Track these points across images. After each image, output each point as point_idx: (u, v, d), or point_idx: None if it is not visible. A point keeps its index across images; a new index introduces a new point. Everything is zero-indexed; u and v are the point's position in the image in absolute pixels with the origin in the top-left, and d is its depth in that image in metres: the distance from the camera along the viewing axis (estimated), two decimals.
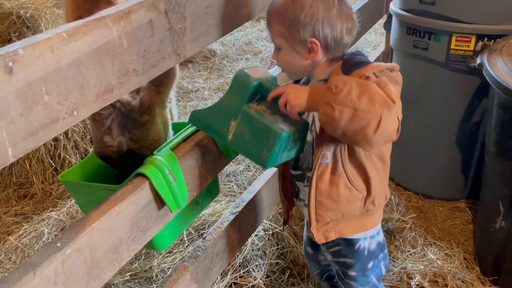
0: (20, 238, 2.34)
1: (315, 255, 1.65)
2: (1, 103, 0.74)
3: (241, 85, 1.18)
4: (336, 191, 1.26)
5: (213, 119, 1.23)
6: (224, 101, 1.21)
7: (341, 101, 1.03)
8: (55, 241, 0.97)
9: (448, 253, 2.08)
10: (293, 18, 1.20)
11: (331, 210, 1.29)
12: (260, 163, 1.18)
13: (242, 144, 1.19)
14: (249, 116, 1.17)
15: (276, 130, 1.13)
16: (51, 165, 2.73)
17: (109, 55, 0.95)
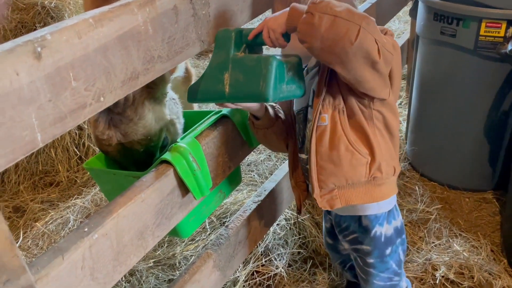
0: (46, 225, 2.39)
1: (334, 245, 1.64)
2: (31, 88, 0.75)
3: (223, 38, 1.19)
4: (336, 154, 1.24)
5: (208, 84, 1.21)
6: (213, 61, 1.20)
7: (322, 8, 1.04)
8: (82, 226, 0.98)
9: (474, 244, 2.03)
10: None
11: (334, 175, 1.27)
12: (261, 97, 1.15)
13: (239, 90, 1.17)
14: (239, 60, 1.17)
15: (266, 58, 1.13)
16: (75, 154, 2.78)
17: (135, 41, 0.95)
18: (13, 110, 0.73)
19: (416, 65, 2.40)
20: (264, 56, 1.15)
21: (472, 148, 2.28)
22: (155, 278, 1.97)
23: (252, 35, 1.18)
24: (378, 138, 1.26)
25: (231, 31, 1.20)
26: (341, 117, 1.24)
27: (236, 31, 1.20)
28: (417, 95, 2.40)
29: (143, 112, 1.35)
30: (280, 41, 1.17)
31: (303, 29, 1.08)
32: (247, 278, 1.92)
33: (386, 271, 1.45)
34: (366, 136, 1.25)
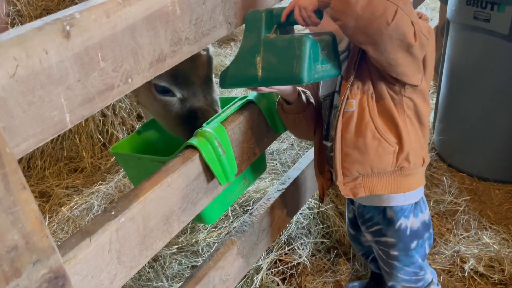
0: (71, 210, 2.42)
1: (357, 236, 1.61)
2: (60, 67, 0.74)
3: (253, 20, 1.16)
4: (363, 141, 1.20)
5: (239, 68, 1.19)
6: (244, 45, 1.18)
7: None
8: (109, 210, 0.98)
9: (505, 237, 1.97)
10: None
11: (359, 162, 1.23)
12: (296, 78, 1.11)
13: (273, 73, 1.14)
14: (271, 42, 1.13)
15: (299, 38, 1.09)
16: (99, 140, 2.80)
17: (162, 22, 0.93)
18: (42, 90, 0.72)
19: (446, 52, 2.32)
20: (297, 36, 1.11)
21: (503, 138, 2.20)
22: (178, 264, 1.98)
23: (284, 16, 1.14)
24: (407, 126, 1.21)
25: (261, 12, 1.16)
26: (369, 102, 1.19)
27: (266, 11, 1.16)
28: (447, 83, 2.33)
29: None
30: (312, 19, 1.12)
31: (336, 6, 1.03)
32: (270, 266, 1.90)
33: (411, 265, 1.41)
34: (395, 124, 1.21)
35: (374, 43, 1.04)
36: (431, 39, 1.15)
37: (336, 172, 1.26)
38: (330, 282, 1.88)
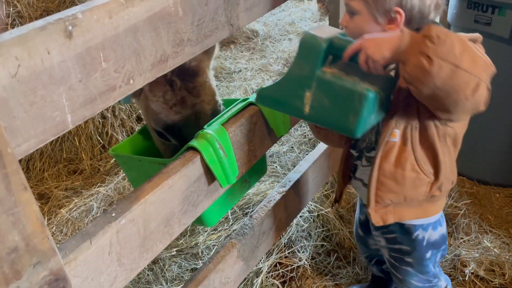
0: (70, 212, 2.41)
1: (365, 239, 1.60)
2: (62, 67, 0.73)
3: (310, 49, 1.04)
4: (401, 173, 1.17)
5: (284, 94, 1.10)
6: (293, 72, 1.08)
7: (443, 54, 0.90)
8: (110, 211, 0.97)
9: (505, 241, 1.96)
10: None
11: (394, 192, 1.21)
12: (348, 131, 1.06)
13: (322, 115, 1.07)
14: (326, 82, 1.03)
15: (361, 92, 1.00)
16: (99, 142, 2.79)
17: (165, 22, 0.93)
18: (44, 90, 0.71)
19: None
20: (358, 87, 1.01)
21: (504, 142, 2.20)
22: (177, 267, 1.97)
23: (347, 57, 1.04)
24: (446, 156, 1.18)
25: (320, 43, 1.03)
26: (413, 134, 1.15)
27: (327, 42, 1.04)
28: None
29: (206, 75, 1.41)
30: (378, 70, 1.02)
31: (414, 73, 0.94)
32: (270, 269, 1.89)
33: (426, 274, 1.40)
34: (435, 154, 1.17)
35: (446, 111, 1.00)
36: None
37: (369, 199, 1.24)
38: (330, 286, 1.87)
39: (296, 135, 2.87)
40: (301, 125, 2.93)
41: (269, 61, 3.97)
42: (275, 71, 3.78)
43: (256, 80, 3.67)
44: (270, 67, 3.87)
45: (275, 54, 4.06)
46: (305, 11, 4.93)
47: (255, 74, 3.78)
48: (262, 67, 3.87)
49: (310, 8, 5.01)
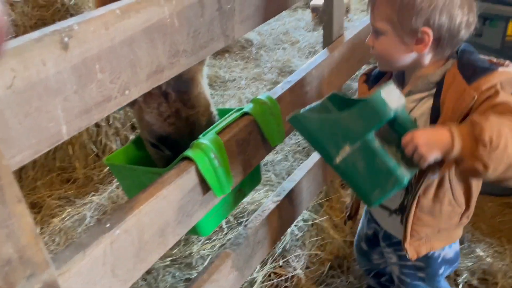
0: (63, 221, 2.39)
1: (368, 253, 1.58)
2: (57, 79, 0.73)
3: (375, 113, 0.98)
4: (439, 207, 1.18)
5: (322, 132, 1.05)
6: (344, 120, 1.01)
7: (497, 158, 0.91)
8: (104, 222, 0.96)
9: (498, 250, 1.98)
10: (407, 2, 1.02)
11: (429, 226, 1.21)
12: (366, 201, 1.06)
13: (350, 174, 1.04)
14: (371, 150, 0.99)
15: (399, 178, 0.99)
16: (93, 151, 2.78)
17: (161, 34, 0.94)
18: (39, 101, 0.71)
19: None
20: (399, 172, 0.99)
21: None
22: (171, 277, 1.96)
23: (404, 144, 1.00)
24: (476, 186, 1.19)
25: (388, 113, 0.97)
26: (450, 169, 1.14)
27: (393, 114, 0.98)
28: None
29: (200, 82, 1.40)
30: (421, 165, 1.01)
31: (468, 173, 0.98)
32: (264, 279, 1.89)
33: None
34: (469, 187, 1.18)
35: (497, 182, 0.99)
36: None
37: (405, 235, 1.22)
38: None
39: (290, 144, 2.87)
40: (295, 133, 2.94)
41: (264, 70, 3.99)
42: (269, 80, 3.80)
43: (251, 89, 3.68)
44: (264, 76, 3.88)
45: (269, 63, 4.08)
46: (299, 21, 4.97)
47: (250, 83, 3.79)
48: (256, 76, 3.89)
49: (304, 17, 5.05)
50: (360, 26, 2.07)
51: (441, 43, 1.07)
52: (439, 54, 1.10)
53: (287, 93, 1.54)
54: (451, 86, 1.07)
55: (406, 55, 1.10)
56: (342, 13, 1.92)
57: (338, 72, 1.90)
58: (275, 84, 3.55)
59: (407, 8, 1.03)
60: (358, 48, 2.04)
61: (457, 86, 1.05)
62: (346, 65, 1.96)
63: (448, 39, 1.06)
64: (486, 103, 1.00)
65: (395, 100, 0.99)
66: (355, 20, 4.60)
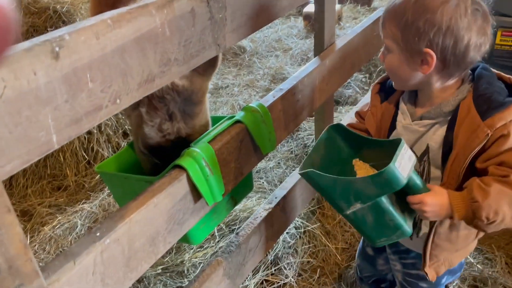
0: (54, 229, 2.37)
1: (374, 258, 1.56)
2: (48, 88, 0.73)
3: (388, 183, 1.00)
4: (455, 234, 1.20)
5: (334, 189, 1.08)
6: (357, 183, 1.05)
7: (494, 227, 1.04)
8: (94, 231, 0.96)
9: (488, 257, 1.99)
10: (411, 22, 1.02)
11: (448, 250, 1.24)
12: (372, 243, 1.16)
13: (359, 223, 1.11)
14: (381, 208, 1.05)
15: (405, 233, 1.08)
16: (84, 158, 2.77)
17: (152, 43, 0.94)
18: (29, 110, 0.71)
19: None
20: (405, 228, 1.08)
21: None
22: (163, 285, 1.94)
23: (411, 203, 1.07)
24: None
25: (400, 184, 1.00)
26: None
27: (405, 182, 1.01)
28: None
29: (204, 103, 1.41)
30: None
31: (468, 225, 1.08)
32: (256, 287, 1.89)
33: None
34: None
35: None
36: None
37: (424, 261, 1.25)
38: None
39: (282, 151, 2.88)
40: (288, 140, 2.95)
41: (256, 77, 4.00)
42: (262, 87, 3.81)
43: (243, 96, 3.69)
44: (257, 83, 3.90)
45: (262, 70, 4.10)
46: (292, 28, 5.00)
47: (242, 90, 3.80)
48: (249, 83, 3.90)
49: (296, 25, 5.09)
50: (351, 34, 2.09)
51: (447, 65, 1.05)
52: (447, 76, 1.08)
53: (279, 101, 1.55)
54: (465, 120, 1.06)
55: (412, 75, 1.09)
56: (333, 21, 1.94)
57: (329, 80, 1.91)
58: (268, 91, 3.56)
59: (410, 29, 1.02)
60: (350, 56, 2.06)
61: (471, 121, 1.04)
62: (338, 73, 1.98)
63: (454, 62, 1.04)
64: (496, 147, 1.02)
65: (407, 165, 1.03)
66: (347, 28, 4.64)
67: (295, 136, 2.98)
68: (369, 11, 5.21)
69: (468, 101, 1.07)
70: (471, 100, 1.06)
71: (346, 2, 5.37)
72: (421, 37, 1.02)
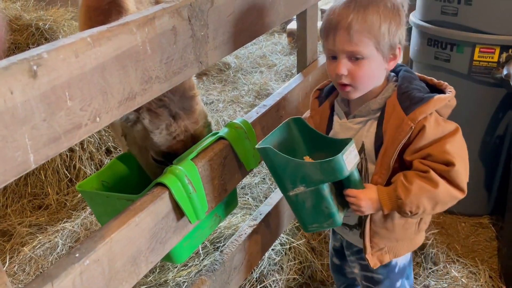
0: (34, 250, 2.31)
1: (341, 267, 1.59)
2: (25, 107, 0.72)
3: (334, 171, 1.09)
4: (391, 221, 1.25)
5: (284, 169, 1.16)
6: (307, 166, 1.13)
7: (418, 217, 1.19)
8: (73, 252, 0.94)
9: (472, 270, 2.00)
10: (394, 20, 1.12)
11: (386, 238, 1.28)
12: (303, 228, 1.25)
13: (297, 206, 1.20)
14: (321, 195, 1.15)
15: (336, 222, 1.18)
16: (66, 176, 2.72)
17: (133, 61, 0.94)
18: (5, 130, 0.70)
19: None
20: (337, 217, 1.18)
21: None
22: None
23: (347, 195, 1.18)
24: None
25: (344, 174, 1.09)
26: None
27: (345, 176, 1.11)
28: None
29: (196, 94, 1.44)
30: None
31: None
32: None
33: None
34: None
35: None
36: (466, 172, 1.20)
37: (364, 247, 1.29)
38: None
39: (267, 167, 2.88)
40: None
41: (241, 93, 4.02)
42: (247, 102, 3.82)
43: (228, 111, 3.70)
44: (242, 99, 3.91)
45: (246, 86, 4.12)
46: (276, 45, 5.05)
47: (227, 106, 3.81)
48: (234, 99, 3.92)
49: (280, 42, 5.15)
50: None
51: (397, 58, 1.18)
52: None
53: (262, 117, 1.55)
54: (391, 116, 1.16)
55: (382, 73, 1.18)
56: (315, 38, 1.97)
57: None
58: (253, 107, 3.57)
59: (391, 28, 1.11)
60: None
61: (397, 117, 1.14)
62: None
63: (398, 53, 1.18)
64: (419, 139, 1.12)
65: (352, 161, 1.13)
66: None
67: None
68: None
69: (393, 98, 1.17)
70: (395, 98, 1.17)
71: None
72: (398, 33, 1.13)
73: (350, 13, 1.09)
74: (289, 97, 1.72)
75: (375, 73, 1.16)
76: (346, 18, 1.09)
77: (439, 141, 1.11)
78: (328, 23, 1.13)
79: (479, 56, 1.98)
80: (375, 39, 1.10)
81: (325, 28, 1.15)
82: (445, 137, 1.12)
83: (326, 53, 1.18)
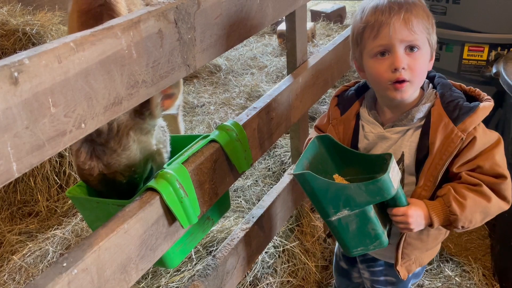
0: (24, 258, 2.28)
1: (348, 272, 1.57)
2: (6, 115, 0.70)
3: (381, 192, 1.03)
4: (426, 232, 1.23)
5: (325, 194, 1.08)
6: (350, 189, 1.06)
7: (467, 230, 1.14)
8: (61, 261, 0.92)
9: (466, 269, 2.00)
10: (431, 18, 1.10)
11: (418, 249, 1.26)
12: (348, 252, 1.17)
13: (340, 230, 1.12)
14: (367, 217, 1.08)
15: (383, 242, 1.11)
16: (56, 182, 2.69)
17: (118, 65, 0.92)
18: None
19: None
20: (384, 238, 1.11)
21: None
22: None
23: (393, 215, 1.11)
24: None
25: (390, 194, 1.03)
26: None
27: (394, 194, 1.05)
28: None
29: (127, 143, 1.30)
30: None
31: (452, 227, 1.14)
32: None
33: None
34: None
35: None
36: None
37: (396, 258, 1.25)
38: None
39: (260, 169, 2.87)
40: (265, 158, 2.94)
41: (232, 95, 4.01)
42: (238, 104, 3.81)
43: (219, 114, 3.68)
44: (233, 101, 3.90)
45: (237, 88, 4.11)
46: (266, 46, 5.04)
47: (218, 108, 3.79)
48: (225, 101, 3.90)
49: (271, 43, 5.14)
50: (323, 51, 2.11)
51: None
52: None
53: (253, 119, 1.54)
54: (439, 127, 1.10)
55: (426, 73, 1.15)
56: (305, 39, 1.96)
57: (303, 97, 1.92)
58: (244, 109, 3.55)
59: (434, 25, 1.10)
60: (323, 73, 2.08)
61: (445, 127, 1.09)
62: (311, 90, 1.99)
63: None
64: (469, 150, 1.08)
65: (396, 178, 1.06)
66: (320, 45, 4.71)
67: (272, 153, 2.98)
68: (342, 28, 5.31)
69: (437, 107, 1.11)
70: (440, 107, 1.11)
71: (319, 20, 5.47)
72: (433, 30, 1.10)
73: (402, 5, 1.06)
74: (279, 98, 1.71)
75: (425, 68, 1.11)
76: (400, 10, 1.04)
77: (488, 152, 1.07)
78: (374, 19, 1.07)
79: (468, 54, 1.98)
80: (427, 30, 1.07)
81: (372, 25, 1.07)
82: (492, 147, 1.08)
83: (372, 52, 1.09)
